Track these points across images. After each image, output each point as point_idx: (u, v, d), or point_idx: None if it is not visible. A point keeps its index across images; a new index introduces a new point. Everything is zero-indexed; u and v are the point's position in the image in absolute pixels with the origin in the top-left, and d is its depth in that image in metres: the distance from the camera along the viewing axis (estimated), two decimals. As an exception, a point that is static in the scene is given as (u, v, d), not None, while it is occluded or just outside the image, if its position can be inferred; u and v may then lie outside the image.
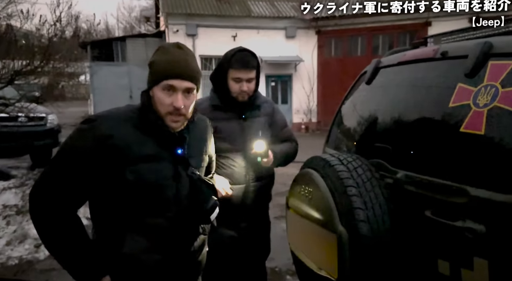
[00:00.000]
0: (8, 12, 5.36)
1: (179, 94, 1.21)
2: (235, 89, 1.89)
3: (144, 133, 1.23)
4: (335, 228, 1.52)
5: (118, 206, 1.21)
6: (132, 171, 1.18)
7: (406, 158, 1.65)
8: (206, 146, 1.44)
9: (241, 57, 1.87)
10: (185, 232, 1.31)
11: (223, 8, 14.16)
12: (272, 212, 2.25)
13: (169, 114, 1.22)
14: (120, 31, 32.16)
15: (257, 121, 1.98)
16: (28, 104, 5.95)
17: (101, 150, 1.16)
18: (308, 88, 14.86)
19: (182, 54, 1.24)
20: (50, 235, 1.19)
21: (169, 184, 1.25)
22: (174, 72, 1.19)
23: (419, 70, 1.76)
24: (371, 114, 2.02)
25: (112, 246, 1.22)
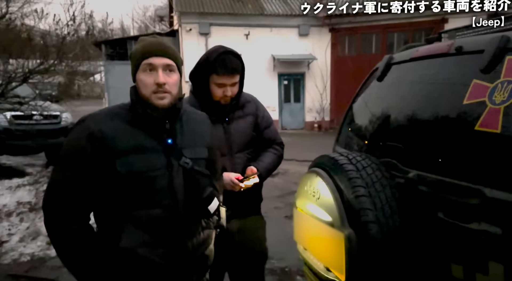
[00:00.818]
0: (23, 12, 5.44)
1: (159, 71, 1.24)
2: (218, 94, 1.79)
3: (133, 126, 1.25)
4: (343, 229, 1.47)
5: (114, 200, 1.23)
6: (122, 163, 1.20)
7: (418, 157, 1.59)
8: (204, 138, 1.41)
9: (225, 61, 1.74)
10: (184, 224, 1.29)
11: (236, 7, 14.15)
12: (283, 211, 2.22)
13: (154, 93, 1.24)
14: (135, 31, 32.47)
15: (241, 122, 1.90)
16: (43, 102, 6.05)
17: (93, 145, 1.20)
18: (321, 87, 14.74)
19: (157, 39, 1.30)
20: (64, 245, 1.24)
21: (162, 174, 1.25)
22: (150, 50, 1.25)
23: (432, 66, 1.70)
24: (382, 111, 1.96)
25: (111, 240, 1.23)
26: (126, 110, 1.29)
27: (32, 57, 5.16)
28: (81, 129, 1.23)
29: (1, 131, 6.16)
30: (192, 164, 1.30)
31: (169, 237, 1.26)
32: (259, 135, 1.99)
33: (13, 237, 3.76)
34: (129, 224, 1.22)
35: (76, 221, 1.22)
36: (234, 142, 1.87)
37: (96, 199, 1.25)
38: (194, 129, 1.39)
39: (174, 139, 1.30)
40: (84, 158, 1.20)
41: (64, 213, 1.21)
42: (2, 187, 5.23)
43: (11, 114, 6.24)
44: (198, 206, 1.30)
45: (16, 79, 5.26)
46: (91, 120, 1.24)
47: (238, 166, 1.88)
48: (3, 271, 3.13)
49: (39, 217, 4.17)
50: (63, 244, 1.23)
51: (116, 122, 1.24)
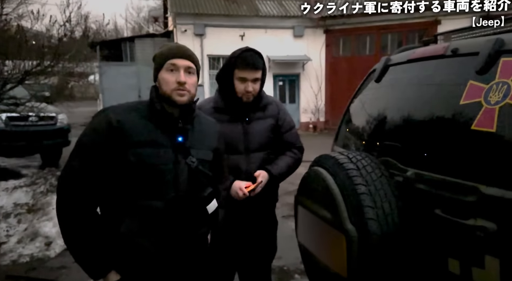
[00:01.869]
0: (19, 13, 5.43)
1: (181, 71, 1.34)
2: (240, 89, 1.87)
3: (149, 121, 1.34)
4: (344, 226, 1.51)
5: (120, 188, 1.30)
6: (134, 154, 1.28)
7: (416, 156, 1.63)
8: (211, 142, 1.49)
9: (247, 57, 1.86)
10: (182, 218, 1.35)
11: (231, 8, 14.18)
12: (280, 211, 2.25)
13: (175, 90, 1.34)
14: (129, 32, 32.37)
15: (261, 124, 1.96)
16: (39, 103, 6.02)
17: (110, 132, 1.29)
18: (316, 87, 14.82)
19: (180, 45, 1.43)
20: (71, 229, 1.29)
21: (169, 169, 1.33)
22: (175, 52, 1.36)
23: (429, 67, 1.75)
24: (380, 112, 2.01)
25: (112, 225, 1.30)
26: (144, 106, 1.39)
27: (28, 58, 5.14)
28: (101, 118, 1.32)
29: (-4, 132, 6.13)
30: (197, 163, 1.38)
31: (165, 228, 1.33)
32: (279, 138, 2.04)
33: (11, 239, 3.76)
34: (131, 212, 1.29)
35: (86, 206, 1.29)
36: (252, 141, 1.92)
37: (104, 187, 1.31)
38: (203, 132, 1.47)
39: (184, 138, 1.38)
40: (100, 145, 1.28)
41: (76, 197, 1.27)
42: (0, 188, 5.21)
43: (7, 115, 6.21)
44: (197, 204, 1.38)
45: (12, 80, 5.24)
46: (111, 111, 1.33)
47: (253, 165, 1.93)
48: (2, 273, 3.13)
49: (37, 218, 4.17)
50: (70, 224, 1.28)
51: (133, 116, 1.33)
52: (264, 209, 2.05)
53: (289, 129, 2.08)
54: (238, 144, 1.91)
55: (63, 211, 1.29)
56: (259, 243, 2.06)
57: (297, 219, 2.02)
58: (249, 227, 2.01)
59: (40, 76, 5.50)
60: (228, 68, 1.90)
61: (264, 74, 1.92)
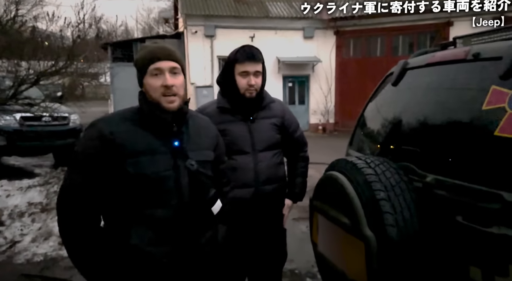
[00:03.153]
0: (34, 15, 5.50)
1: (166, 74, 1.29)
2: (243, 84, 1.86)
3: (143, 128, 1.31)
4: (363, 233, 1.49)
5: (122, 199, 1.27)
6: (132, 164, 1.25)
7: (435, 162, 1.61)
8: (209, 141, 1.47)
9: (246, 50, 1.86)
10: (190, 224, 1.34)
11: (241, 9, 14.19)
12: (291, 213, 2.23)
13: (163, 95, 1.29)
14: (139, 33, 32.55)
15: (266, 123, 1.96)
16: (52, 104, 6.10)
17: (104, 146, 1.25)
18: (325, 89, 14.75)
19: (159, 44, 1.36)
20: (76, 247, 1.28)
21: (169, 175, 1.30)
22: (156, 55, 1.30)
23: (449, 71, 1.73)
24: (397, 115, 1.99)
25: (119, 239, 1.28)
26: (135, 113, 1.35)
27: (43, 59, 5.21)
28: (92, 131, 1.29)
29: (11, 132, 6.22)
30: (197, 166, 1.35)
31: (175, 236, 1.31)
32: (287, 138, 2.05)
33: (25, 237, 3.80)
34: (137, 222, 1.27)
35: (88, 222, 1.27)
36: (258, 140, 1.92)
37: (106, 200, 1.29)
38: (200, 133, 1.44)
39: (180, 141, 1.35)
40: (95, 159, 1.25)
41: (77, 213, 1.25)
42: (13, 187, 5.28)
43: (21, 116, 6.29)
44: (202, 206, 1.36)
45: (27, 81, 5.31)
46: (102, 123, 1.29)
47: (261, 164, 1.92)
48: (16, 271, 3.16)
49: (51, 217, 4.21)
50: (75, 244, 1.27)
51: (126, 125, 1.30)
52: (273, 216, 2.03)
53: (296, 128, 2.10)
54: (244, 143, 1.90)
55: (66, 229, 1.27)
56: (268, 250, 2.04)
57: (312, 224, 2.01)
58: (258, 235, 1.98)
59: (54, 77, 5.57)
60: (229, 66, 1.89)
61: (264, 69, 1.92)
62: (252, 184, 1.90)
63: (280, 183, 2.02)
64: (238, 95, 1.89)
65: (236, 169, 1.88)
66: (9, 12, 6.18)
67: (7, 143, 6.19)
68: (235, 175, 1.87)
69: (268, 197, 1.94)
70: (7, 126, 6.18)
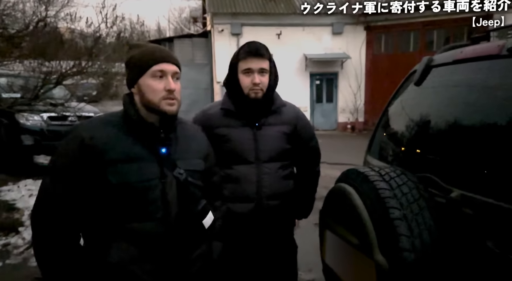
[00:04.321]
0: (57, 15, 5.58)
1: (169, 77, 1.22)
2: (246, 83, 1.66)
3: (126, 133, 1.20)
4: (374, 256, 1.30)
5: (103, 212, 1.17)
6: (114, 172, 1.15)
7: (463, 174, 1.39)
8: (200, 150, 1.36)
9: (249, 46, 1.68)
10: (177, 239, 1.22)
11: (269, 6, 13.99)
12: (312, 218, 2.05)
13: (163, 98, 1.21)
14: (171, 32, 32.96)
15: (274, 130, 1.74)
16: (77, 103, 6.19)
17: (84, 153, 1.15)
18: (355, 86, 14.32)
19: (158, 46, 1.27)
20: (51, 266, 1.16)
21: (154, 184, 1.19)
22: (161, 56, 1.21)
23: (480, 69, 1.49)
24: (421, 119, 1.77)
25: (99, 255, 1.16)
26: (118, 117, 1.24)
27: (65, 59, 5.27)
28: (71, 138, 1.19)
29: (38, 132, 6.36)
30: (186, 175, 1.24)
31: (160, 253, 1.19)
32: (299, 148, 1.83)
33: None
34: (118, 237, 1.16)
35: (66, 239, 1.16)
36: (263, 150, 1.71)
37: (86, 212, 1.18)
38: (189, 140, 1.34)
39: (168, 149, 1.24)
40: (75, 167, 1.15)
41: (53, 230, 1.14)
42: (36, 187, 5.35)
43: (48, 116, 6.42)
44: (191, 219, 1.25)
45: (51, 81, 5.38)
46: (82, 129, 1.20)
47: (266, 177, 1.71)
48: (30, 274, 3.15)
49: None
50: (49, 262, 1.15)
51: (108, 130, 1.19)
52: (278, 234, 1.81)
53: (311, 137, 1.88)
54: (247, 152, 1.70)
55: (40, 247, 1.16)
56: (275, 271, 1.83)
57: (322, 240, 1.81)
58: (262, 253, 1.78)
59: (77, 76, 5.63)
60: (232, 65, 1.72)
61: (273, 67, 1.73)
62: (254, 198, 1.70)
63: (287, 198, 1.79)
64: (243, 96, 1.69)
65: (236, 180, 1.69)
66: (38, 13, 6.32)
67: (34, 143, 6.33)
68: (234, 187, 1.69)
69: (272, 213, 1.73)
70: (34, 125, 6.32)
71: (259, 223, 1.71)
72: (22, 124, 6.25)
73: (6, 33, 5.73)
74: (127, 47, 1.34)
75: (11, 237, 3.85)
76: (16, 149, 6.45)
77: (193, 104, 11.64)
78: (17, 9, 6.07)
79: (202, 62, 14.77)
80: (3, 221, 4.19)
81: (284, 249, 1.84)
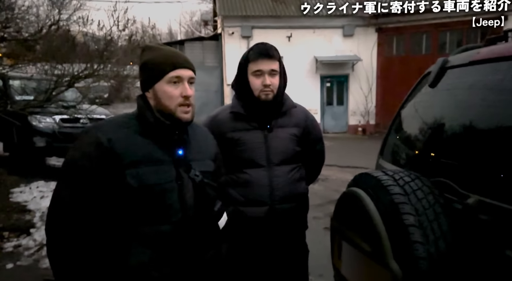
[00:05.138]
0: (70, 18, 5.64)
1: (185, 83, 1.20)
2: (257, 84, 1.64)
3: (143, 136, 1.19)
4: (389, 265, 1.25)
5: (121, 213, 1.14)
6: (133, 175, 1.13)
7: (480, 179, 1.34)
8: (209, 151, 1.35)
9: (259, 47, 1.67)
10: (194, 241, 1.20)
11: (279, 9, 13.97)
12: (323, 222, 2.02)
13: (180, 105, 1.19)
14: (182, 35, 33.19)
15: (284, 132, 1.73)
16: (88, 106, 6.24)
17: (102, 154, 1.12)
18: (366, 89, 14.19)
19: (174, 49, 1.26)
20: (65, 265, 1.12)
21: (172, 187, 1.18)
22: (178, 62, 1.20)
23: (498, 70, 1.43)
24: (435, 122, 1.72)
25: (117, 258, 1.14)
26: (132, 119, 1.23)
27: (77, 62, 5.32)
28: (88, 139, 1.15)
29: (50, 134, 6.43)
30: (202, 177, 1.23)
31: (177, 255, 1.17)
32: (309, 149, 1.82)
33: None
34: (137, 241, 1.14)
35: (82, 243, 1.11)
36: (274, 152, 1.69)
37: (104, 215, 1.14)
38: (200, 142, 1.33)
39: (184, 150, 1.23)
40: (92, 170, 1.11)
41: (70, 233, 1.10)
42: (48, 189, 5.39)
43: (60, 118, 6.49)
44: (208, 221, 1.24)
45: (63, 84, 5.44)
46: (98, 130, 1.16)
47: (278, 180, 1.68)
48: (40, 276, 3.16)
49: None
50: (65, 264, 1.11)
51: (124, 131, 1.17)
52: (289, 238, 1.77)
53: (318, 140, 1.88)
54: (258, 155, 1.68)
55: (56, 254, 1.13)
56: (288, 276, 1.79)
57: (333, 245, 1.77)
58: (273, 257, 1.74)
59: (89, 79, 5.69)
60: (242, 67, 1.70)
61: (282, 69, 1.71)
62: (267, 201, 1.67)
63: (300, 200, 1.77)
64: (253, 98, 1.67)
65: (248, 184, 1.67)
66: (51, 16, 6.40)
67: (46, 145, 6.40)
68: (247, 191, 1.66)
69: (285, 216, 1.70)
70: (46, 127, 6.39)
71: (272, 227, 1.68)
72: (35, 126, 6.33)
73: (20, 36, 5.82)
74: (140, 49, 1.31)
75: (22, 239, 3.88)
76: (28, 151, 6.52)
77: (203, 107, 11.65)
78: (31, 12, 6.17)
79: (213, 65, 14.81)
80: (15, 222, 4.23)
81: (295, 253, 1.80)
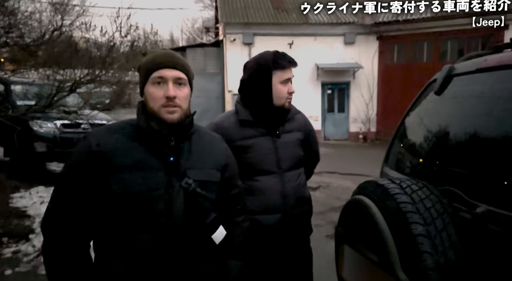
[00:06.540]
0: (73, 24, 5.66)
1: (169, 84, 1.16)
2: (284, 93, 1.64)
3: (135, 140, 1.16)
4: (396, 274, 1.22)
5: (106, 220, 1.13)
6: (117, 180, 1.10)
7: (489, 188, 1.31)
8: (216, 160, 1.28)
9: (284, 55, 1.66)
10: (183, 254, 1.15)
11: (280, 16, 14.04)
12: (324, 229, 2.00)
13: (163, 106, 1.15)
14: (184, 42, 33.35)
15: (290, 137, 1.72)
16: (90, 111, 6.23)
17: (90, 158, 1.13)
18: (367, 96, 14.21)
19: (166, 51, 1.23)
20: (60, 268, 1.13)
21: (159, 195, 1.13)
22: (161, 62, 1.17)
23: (506, 78, 1.42)
24: (442, 130, 1.70)
25: (102, 265, 1.15)
26: (130, 125, 1.21)
27: (79, 67, 5.32)
28: (81, 146, 1.17)
29: (51, 139, 6.41)
30: (195, 186, 1.17)
31: (161, 268, 1.13)
32: (307, 151, 1.81)
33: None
34: (119, 249, 1.12)
35: (76, 246, 1.14)
36: (284, 158, 1.69)
37: (94, 221, 1.15)
38: (204, 150, 1.26)
39: (177, 157, 1.18)
40: (81, 175, 1.13)
41: (63, 236, 1.12)
42: (48, 194, 5.35)
43: (61, 123, 6.48)
44: (199, 233, 1.17)
45: (65, 89, 5.44)
46: (91, 135, 1.17)
47: (289, 186, 1.68)
48: (45, 278, 3.12)
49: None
50: (58, 268, 1.13)
51: (116, 137, 1.16)
52: (299, 243, 1.76)
53: (316, 142, 1.91)
54: (269, 162, 1.66)
55: (48, 255, 1.14)
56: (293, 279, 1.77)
57: (338, 254, 1.74)
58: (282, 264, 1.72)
59: (90, 84, 5.69)
60: (264, 74, 1.64)
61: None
62: (280, 208, 1.65)
63: (307, 205, 1.79)
64: (269, 105, 1.65)
65: (260, 192, 1.65)
66: (54, 22, 6.42)
67: (47, 150, 6.38)
68: (259, 199, 1.64)
69: (296, 221, 1.69)
70: (48, 133, 6.37)
71: (283, 233, 1.66)
72: (36, 131, 6.31)
73: (22, 42, 5.83)
74: (142, 55, 1.30)
75: (21, 244, 3.84)
76: (29, 156, 6.49)
77: (204, 113, 11.66)
78: (34, 18, 6.19)
79: (214, 71, 14.85)
80: (14, 228, 4.19)
81: (301, 257, 1.79)
